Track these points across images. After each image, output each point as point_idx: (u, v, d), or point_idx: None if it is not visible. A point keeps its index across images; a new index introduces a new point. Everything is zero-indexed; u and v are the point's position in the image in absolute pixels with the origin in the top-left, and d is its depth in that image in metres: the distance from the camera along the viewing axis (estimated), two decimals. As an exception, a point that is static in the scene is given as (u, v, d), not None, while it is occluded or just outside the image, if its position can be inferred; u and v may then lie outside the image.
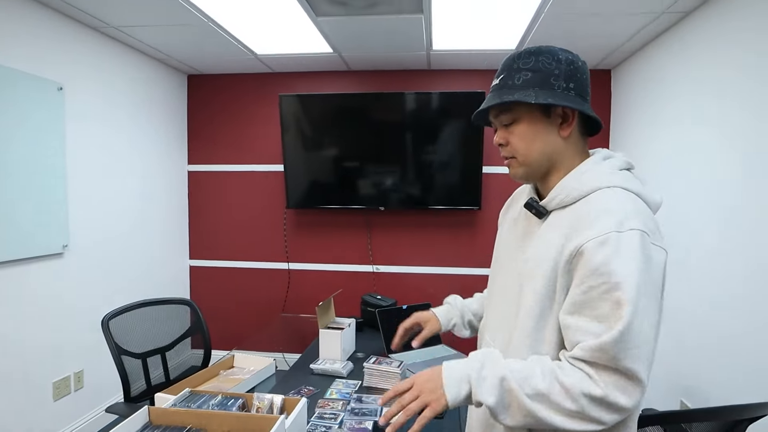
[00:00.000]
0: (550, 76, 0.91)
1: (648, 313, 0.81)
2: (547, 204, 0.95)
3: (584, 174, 0.92)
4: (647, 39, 2.73)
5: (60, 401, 2.52)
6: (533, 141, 0.94)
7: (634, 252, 0.80)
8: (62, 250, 2.51)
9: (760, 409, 1.30)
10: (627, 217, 0.83)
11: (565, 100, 0.90)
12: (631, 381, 0.79)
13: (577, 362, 0.83)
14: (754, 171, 1.88)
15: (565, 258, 0.85)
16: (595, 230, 0.82)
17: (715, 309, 2.13)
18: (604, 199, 0.87)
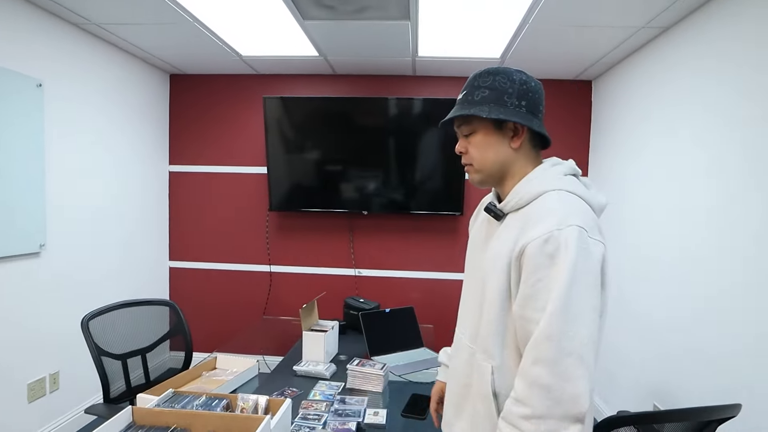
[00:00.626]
0: (504, 94, 1.02)
1: (583, 298, 0.89)
2: (503, 207, 1.06)
3: (533, 180, 1.03)
4: (627, 52, 2.82)
5: (35, 403, 2.47)
6: (487, 150, 1.06)
7: (571, 247, 0.89)
8: (39, 249, 2.46)
9: (728, 410, 1.35)
10: (567, 216, 0.92)
11: (515, 116, 1.02)
12: (578, 362, 0.87)
13: (529, 373, 0.90)
14: (734, 179, 1.96)
15: (515, 255, 0.96)
16: (539, 229, 0.93)
17: (688, 315, 2.20)
18: (549, 201, 0.98)
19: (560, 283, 0.88)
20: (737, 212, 1.90)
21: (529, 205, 1.01)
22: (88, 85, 2.81)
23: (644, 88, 2.68)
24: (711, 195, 2.06)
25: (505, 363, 1.00)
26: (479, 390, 1.04)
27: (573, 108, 3.48)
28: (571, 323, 0.87)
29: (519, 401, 0.91)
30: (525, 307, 0.93)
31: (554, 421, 0.87)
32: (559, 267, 0.89)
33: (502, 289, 0.99)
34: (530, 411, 0.88)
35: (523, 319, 0.94)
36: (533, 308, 0.91)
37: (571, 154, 3.40)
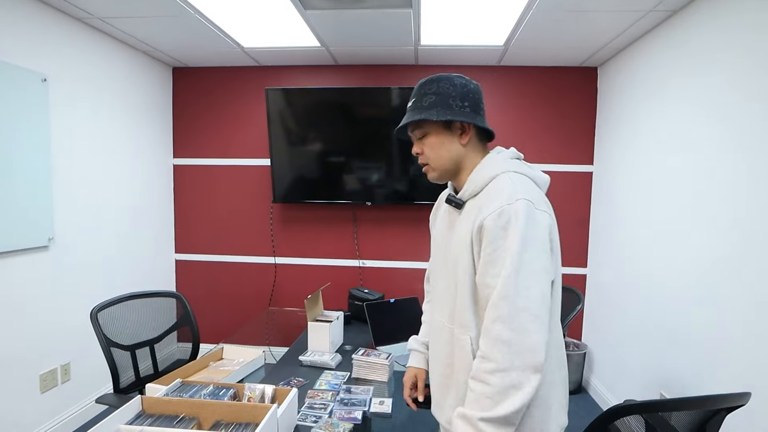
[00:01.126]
0: (448, 97, 1.15)
1: (534, 261, 1.02)
2: (462, 196, 1.18)
3: (484, 167, 1.16)
4: (634, 37, 2.79)
5: (47, 393, 2.51)
6: (440, 149, 1.18)
7: (521, 217, 1.02)
8: (47, 243, 2.48)
9: (737, 398, 1.33)
10: (515, 192, 1.05)
11: (460, 116, 1.15)
12: (533, 316, 0.99)
13: (490, 329, 1.02)
14: (744, 166, 1.94)
15: (475, 231, 1.08)
16: (492, 206, 1.05)
17: (694, 304, 2.20)
18: (500, 182, 1.10)
19: (512, 250, 1.00)
20: (751, 196, 1.88)
21: (483, 190, 1.13)
22: (93, 79, 2.82)
23: (652, 73, 2.66)
24: (723, 179, 2.04)
25: (480, 332, 1.08)
26: (462, 363, 1.13)
27: (578, 95, 3.45)
28: (524, 283, 1.00)
29: (484, 358, 1.02)
30: (484, 274, 1.05)
31: (516, 373, 0.98)
32: (511, 236, 1.01)
33: (469, 264, 1.10)
34: (494, 365, 0.99)
35: (483, 285, 1.06)
36: (491, 275, 1.03)
37: (576, 142, 3.43)
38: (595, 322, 3.36)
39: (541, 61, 3.35)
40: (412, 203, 3.49)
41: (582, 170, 3.48)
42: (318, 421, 1.52)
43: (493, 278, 1.03)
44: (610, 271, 3.13)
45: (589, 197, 3.49)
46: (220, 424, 1.29)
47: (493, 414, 0.98)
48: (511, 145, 1.29)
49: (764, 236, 1.77)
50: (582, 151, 3.47)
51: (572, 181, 3.49)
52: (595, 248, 3.42)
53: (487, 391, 1.00)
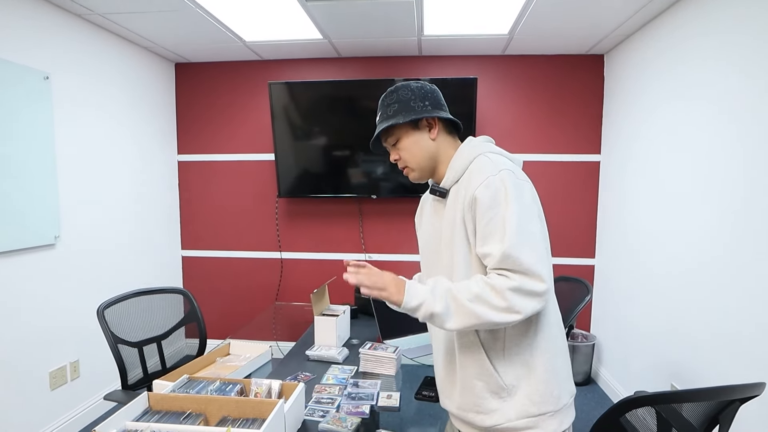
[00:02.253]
0: (409, 101, 1.23)
1: (529, 222, 1.08)
2: (445, 184, 1.23)
3: (461, 154, 1.22)
4: (641, 22, 2.74)
5: (57, 390, 2.53)
6: (414, 149, 1.25)
7: (508, 184, 1.08)
8: (54, 241, 2.49)
9: (751, 389, 1.31)
10: (497, 165, 1.12)
11: (424, 113, 1.22)
12: (534, 274, 1.04)
13: (495, 271, 1.08)
14: (758, 156, 1.91)
15: (466, 207, 1.13)
16: (477, 180, 1.11)
17: (705, 294, 2.17)
18: (479, 162, 1.17)
19: (506, 215, 1.06)
20: (763, 186, 1.84)
21: (464, 174, 1.19)
22: (95, 76, 2.81)
23: (660, 60, 2.61)
24: (732, 168, 2.01)
25: None
26: (463, 342, 1.19)
27: (584, 84, 3.40)
28: (523, 242, 1.04)
29: (490, 277, 1.07)
30: (484, 244, 1.10)
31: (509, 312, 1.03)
32: (502, 203, 1.07)
33: (463, 241, 1.15)
34: (500, 284, 1.04)
35: (485, 255, 1.10)
36: (492, 241, 1.08)
37: (583, 131, 3.39)
38: (604, 313, 3.33)
39: (546, 49, 3.31)
40: (418, 196, 3.44)
41: (589, 160, 3.44)
42: (326, 416, 1.51)
43: (493, 244, 1.07)
44: (619, 262, 3.10)
45: (597, 187, 3.45)
46: (227, 419, 1.28)
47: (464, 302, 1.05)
48: (517, 136, 1.35)
49: (777, 223, 1.74)
50: (589, 140, 3.43)
51: (579, 171, 3.45)
52: (603, 239, 3.38)
53: (474, 288, 1.06)
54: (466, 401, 1.20)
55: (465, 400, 1.21)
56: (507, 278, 1.05)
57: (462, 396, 1.22)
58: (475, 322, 1.05)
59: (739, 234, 1.93)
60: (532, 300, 1.04)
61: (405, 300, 1.09)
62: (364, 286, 1.13)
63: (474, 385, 1.18)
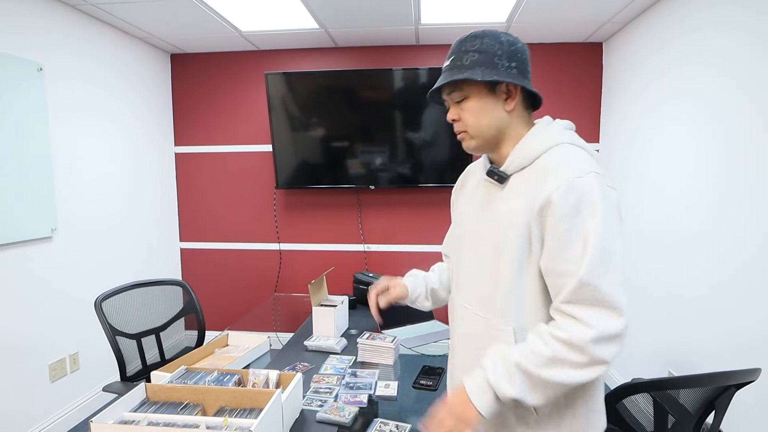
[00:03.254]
0: (494, 56, 1.00)
1: (613, 242, 0.90)
2: (506, 169, 1.04)
3: (536, 137, 1.03)
4: (640, 9, 2.71)
5: (56, 383, 2.54)
6: (481, 115, 1.04)
7: (594, 193, 0.90)
8: (51, 233, 2.48)
9: (747, 375, 1.32)
10: (582, 164, 0.94)
11: (508, 77, 1.00)
12: (614, 308, 0.89)
13: (565, 309, 0.92)
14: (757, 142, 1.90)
15: (536, 209, 0.94)
16: (557, 180, 0.92)
17: (702, 281, 2.17)
18: (559, 154, 0.98)
19: (589, 231, 0.89)
20: (755, 173, 1.84)
21: (535, 162, 1.00)
22: (89, 67, 2.78)
23: (658, 47, 2.59)
24: (731, 157, 2.00)
25: (525, 324, 0.99)
26: None
27: (583, 72, 3.38)
28: (606, 267, 0.88)
29: (558, 327, 0.91)
30: (555, 259, 0.93)
31: (585, 358, 0.88)
32: (586, 214, 0.90)
33: (521, 250, 0.98)
34: (567, 336, 0.89)
35: (554, 272, 0.93)
36: (564, 259, 0.91)
37: (582, 120, 3.36)
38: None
39: (544, 37, 3.28)
40: (416, 186, 3.46)
41: (588, 149, 3.42)
42: (323, 405, 1.51)
43: (566, 264, 0.90)
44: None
45: (596, 176, 3.44)
46: (224, 409, 1.29)
47: (539, 372, 0.89)
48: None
49: (775, 210, 1.73)
50: (588, 128, 3.41)
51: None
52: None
53: (544, 351, 0.90)
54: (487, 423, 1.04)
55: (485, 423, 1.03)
56: (583, 325, 0.88)
57: None
58: (560, 390, 0.92)
59: (736, 223, 1.93)
60: (616, 343, 0.88)
61: (479, 406, 0.92)
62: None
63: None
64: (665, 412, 1.48)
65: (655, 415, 1.50)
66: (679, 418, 1.42)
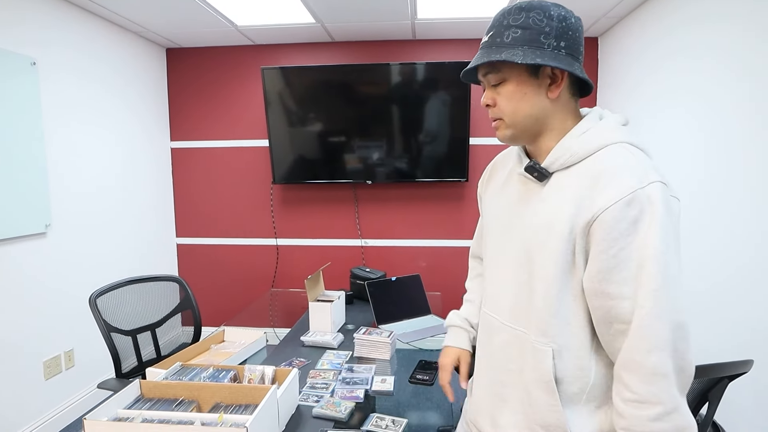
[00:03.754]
0: (540, 33, 0.86)
1: (675, 265, 0.80)
2: (549, 166, 0.91)
3: (586, 132, 0.89)
4: (635, 4, 2.70)
5: (51, 380, 2.53)
6: (520, 102, 0.90)
7: (658, 207, 0.78)
8: (45, 229, 2.47)
9: (739, 366, 1.33)
10: (646, 171, 0.81)
11: (554, 60, 0.85)
12: (684, 339, 0.79)
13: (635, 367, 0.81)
14: (744, 138, 1.90)
15: (585, 220, 0.82)
16: (616, 190, 0.80)
17: (699, 277, 2.17)
18: (617, 156, 0.85)
19: (654, 253, 0.77)
20: (748, 167, 1.84)
21: (585, 161, 0.87)
22: (83, 61, 2.76)
23: (654, 41, 2.58)
24: (730, 150, 1.99)
25: (567, 345, 0.88)
26: (537, 377, 0.90)
27: (579, 67, 3.37)
28: (675, 296, 0.78)
29: (643, 402, 0.79)
30: (607, 281, 0.81)
31: (684, 408, 0.79)
32: (647, 232, 0.78)
33: (564, 261, 0.85)
34: (662, 408, 0.78)
35: (604, 295, 0.82)
36: (618, 281, 0.80)
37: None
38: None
39: (541, 31, 3.26)
40: (414, 181, 3.45)
41: (585, 143, 3.42)
42: (320, 401, 1.51)
43: (620, 287, 0.79)
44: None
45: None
46: (219, 406, 1.28)
47: None
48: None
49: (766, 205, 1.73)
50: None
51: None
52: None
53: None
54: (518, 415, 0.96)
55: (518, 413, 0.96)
56: (646, 405, 0.79)
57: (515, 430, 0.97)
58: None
59: (732, 218, 1.93)
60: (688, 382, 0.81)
61: None
62: None
63: (535, 430, 0.92)
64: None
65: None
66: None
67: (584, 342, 0.88)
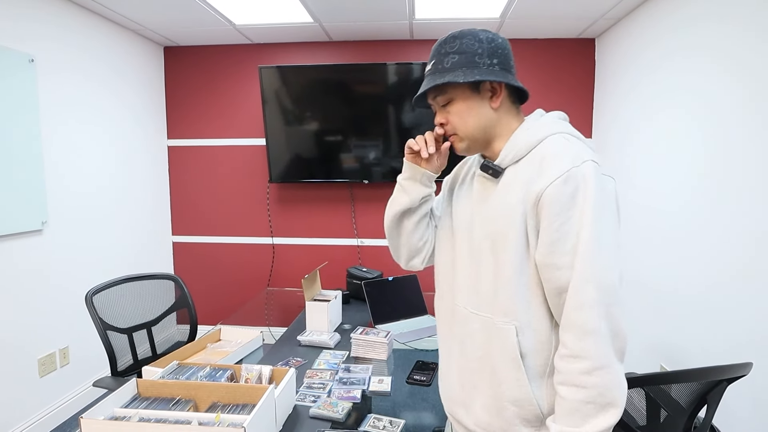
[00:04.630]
0: (474, 55, 0.99)
1: (610, 233, 0.89)
2: (501, 162, 1.01)
3: (529, 129, 1.01)
4: (633, 5, 2.71)
5: (46, 377, 2.51)
6: (469, 116, 1.02)
7: (591, 182, 0.88)
8: (41, 226, 2.45)
9: (738, 369, 1.33)
10: (579, 153, 0.92)
11: (491, 75, 0.98)
12: (614, 302, 0.87)
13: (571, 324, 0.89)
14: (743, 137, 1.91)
15: (532, 201, 0.92)
16: (554, 171, 0.90)
17: (696, 277, 2.18)
18: (556, 143, 0.96)
19: (587, 221, 0.87)
20: (746, 167, 1.85)
21: (530, 153, 0.98)
22: (81, 59, 2.75)
23: (651, 42, 2.59)
24: (725, 150, 2.01)
25: (529, 321, 0.96)
26: (504, 356, 0.97)
27: (576, 68, 3.38)
28: (605, 260, 0.87)
29: (574, 356, 0.87)
30: (552, 253, 0.90)
31: (615, 366, 0.86)
32: (582, 205, 0.88)
33: (520, 243, 0.95)
34: (590, 363, 0.86)
35: (551, 266, 0.90)
36: (562, 252, 0.89)
37: (575, 114, 3.37)
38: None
39: (537, 33, 3.27)
40: (410, 181, 3.44)
41: (581, 145, 3.44)
42: (317, 401, 1.51)
43: (564, 256, 0.88)
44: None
45: (589, 172, 3.45)
46: (216, 405, 1.28)
47: (603, 423, 0.85)
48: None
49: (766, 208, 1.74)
50: (580, 124, 3.42)
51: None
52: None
53: (588, 396, 0.85)
54: (491, 422, 1.02)
55: (489, 420, 1.02)
56: (577, 359, 0.87)
57: (487, 413, 1.02)
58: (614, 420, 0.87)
59: (730, 216, 1.94)
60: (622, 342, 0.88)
61: None
62: None
63: (505, 407, 0.99)
64: (658, 407, 1.49)
65: (647, 410, 1.51)
66: (671, 412, 1.43)
67: (544, 317, 0.96)
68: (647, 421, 1.51)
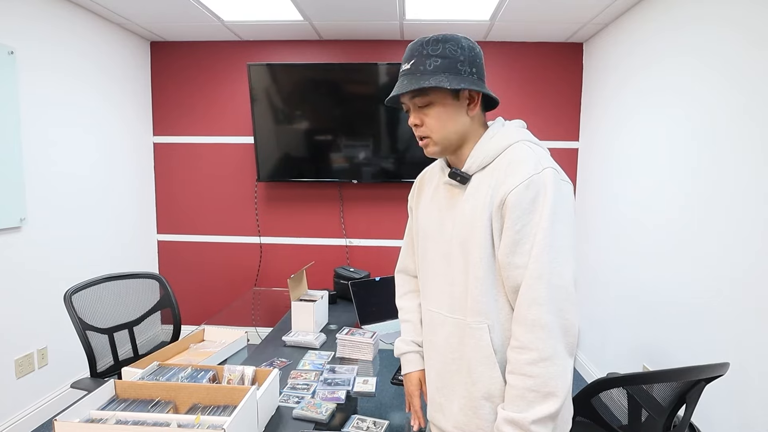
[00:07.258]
0: (456, 62, 1.01)
1: (564, 236, 0.94)
2: (468, 169, 1.06)
3: (494, 137, 1.05)
4: (620, 11, 2.73)
5: (23, 378, 2.45)
6: (447, 122, 1.05)
7: (549, 188, 0.94)
8: (19, 223, 2.40)
9: (716, 369, 1.36)
10: (540, 160, 0.97)
11: (473, 84, 1.02)
12: (565, 299, 0.92)
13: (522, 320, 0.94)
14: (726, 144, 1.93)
15: (496, 204, 0.98)
16: (517, 177, 0.96)
17: (675, 279, 2.20)
18: (519, 151, 1.01)
19: (543, 225, 0.92)
20: (727, 173, 1.87)
21: (495, 160, 1.03)
22: (64, 52, 2.69)
23: (638, 48, 2.61)
24: (709, 155, 2.03)
25: (498, 319, 1.00)
26: (479, 355, 1.01)
27: (564, 72, 3.40)
28: (557, 260, 0.92)
29: (523, 348, 0.93)
30: (512, 253, 0.95)
31: (560, 359, 0.91)
32: (541, 210, 0.93)
33: (487, 244, 1.00)
34: (536, 354, 0.91)
35: (511, 266, 0.96)
36: (520, 253, 0.94)
37: (562, 119, 3.40)
38: (581, 297, 3.37)
39: (526, 36, 3.29)
40: (400, 181, 3.44)
41: (568, 147, 3.45)
42: (300, 402, 1.49)
43: (522, 257, 0.94)
44: (596, 248, 3.13)
45: (575, 174, 3.47)
46: (197, 407, 1.25)
47: (545, 410, 0.90)
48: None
49: (744, 211, 1.76)
50: (568, 127, 3.44)
51: (558, 157, 3.42)
52: (580, 225, 3.41)
53: (532, 384, 0.91)
54: (468, 423, 1.05)
55: (467, 420, 1.05)
56: (524, 350, 0.92)
57: (463, 414, 1.06)
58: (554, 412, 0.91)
59: (711, 221, 1.96)
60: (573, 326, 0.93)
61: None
62: None
63: (481, 405, 1.02)
64: (639, 406, 1.50)
65: (629, 409, 1.53)
66: (652, 411, 1.44)
67: (509, 314, 1.00)
68: (629, 421, 1.52)
